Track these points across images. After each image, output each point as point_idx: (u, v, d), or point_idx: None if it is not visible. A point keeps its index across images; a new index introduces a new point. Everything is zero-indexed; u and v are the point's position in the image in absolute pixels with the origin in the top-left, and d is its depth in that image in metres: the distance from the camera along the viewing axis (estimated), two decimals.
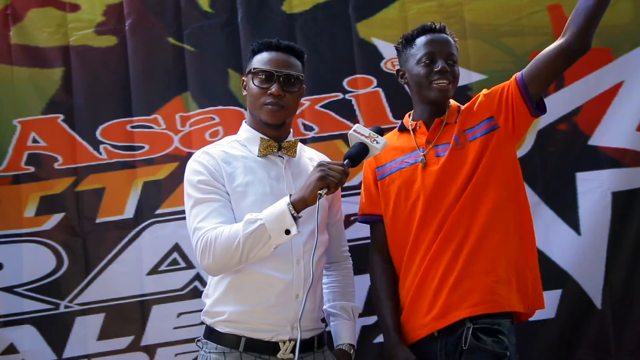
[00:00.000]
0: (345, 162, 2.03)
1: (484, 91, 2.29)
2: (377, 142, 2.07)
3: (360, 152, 2.07)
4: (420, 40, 2.27)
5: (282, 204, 2.00)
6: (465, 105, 2.31)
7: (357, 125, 2.11)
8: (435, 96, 2.24)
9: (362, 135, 2.08)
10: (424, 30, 2.29)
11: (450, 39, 2.29)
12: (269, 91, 2.18)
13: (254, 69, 2.21)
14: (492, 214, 2.16)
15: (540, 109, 2.20)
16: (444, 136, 2.25)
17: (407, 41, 2.31)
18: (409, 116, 2.38)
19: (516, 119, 2.19)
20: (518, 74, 2.19)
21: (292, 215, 1.98)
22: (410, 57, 2.28)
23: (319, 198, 1.96)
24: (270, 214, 2.00)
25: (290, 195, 2.01)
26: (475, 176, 2.17)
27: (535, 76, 2.14)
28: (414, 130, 2.31)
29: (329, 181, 1.96)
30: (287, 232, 1.99)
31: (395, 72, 2.39)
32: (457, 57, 2.30)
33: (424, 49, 2.25)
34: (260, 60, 2.22)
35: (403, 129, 2.36)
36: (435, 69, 2.21)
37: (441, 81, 2.22)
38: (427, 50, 2.24)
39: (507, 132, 2.20)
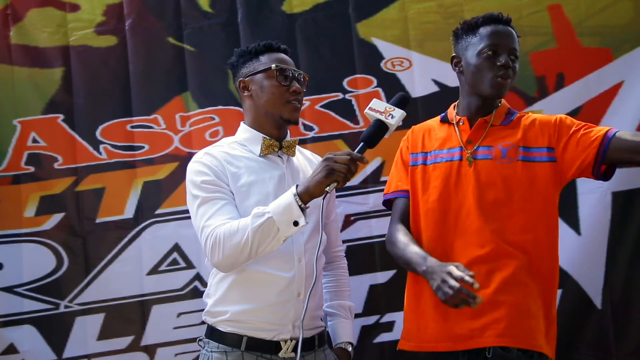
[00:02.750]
0: (360, 147, 1.97)
1: (560, 117, 2.13)
2: (392, 117, 1.94)
3: (375, 132, 1.97)
4: (485, 29, 2.12)
5: (289, 196, 1.99)
6: (530, 117, 2.16)
7: (373, 100, 2.00)
8: (490, 92, 2.10)
9: (378, 111, 1.96)
10: (490, 20, 2.13)
11: (514, 32, 2.14)
12: (291, 89, 2.20)
13: (277, 66, 2.20)
14: (533, 243, 2.06)
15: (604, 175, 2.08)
16: (487, 138, 2.12)
17: (470, 28, 2.16)
18: (454, 107, 2.24)
19: (577, 171, 2.08)
20: (609, 134, 2.02)
21: (300, 206, 1.97)
22: (471, 45, 2.13)
23: (326, 194, 1.93)
24: (277, 207, 2.00)
25: (297, 187, 2.00)
26: (518, 199, 2.05)
27: (617, 156, 2.02)
28: (457, 124, 2.18)
29: (336, 176, 1.93)
30: (296, 223, 1.98)
31: (450, 58, 2.24)
32: (519, 52, 2.13)
33: (488, 40, 2.09)
34: (273, 59, 2.23)
35: (445, 121, 2.23)
36: (498, 63, 2.07)
37: (501, 77, 2.07)
38: (491, 42, 2.08)
39: (563, 171, 2.09)
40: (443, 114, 2.27)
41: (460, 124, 2.17)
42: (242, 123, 2.33)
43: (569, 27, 2.86)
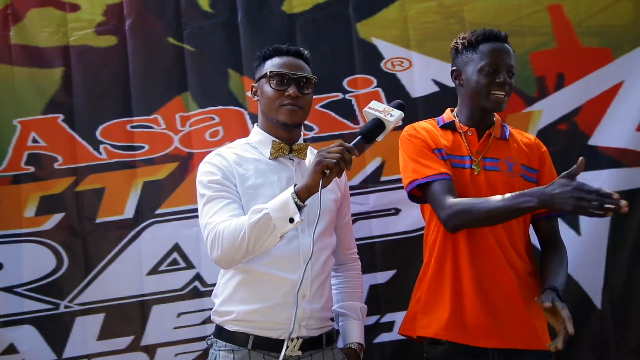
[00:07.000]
0: (356, 140, 2.01)
1: (544, 149, 2.34)
2: (391, 116, 2.03)
3: (373, 128, 2.03)
4: (485, 47, 2.23)
5: (287, 194, 2.01)
6: (518, 134, 2.36)
7: (373, 101, 2.09)
8: (491, 107, 2.23)
9: (377, 110, 2.04)
10: (489, 37, 2.25)
11: (511, 49, 2.26)
12: (286, 93, 2.20)
13: (271, 72, 2.22)
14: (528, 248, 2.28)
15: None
16: (492, 150, 2.26)
17: (470, 45, 2.26)
18: (454, 115, 2.33)
19: None
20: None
21: (296, 203, 1.98)
22: (471, 62, 2.24)
23: (322, 183, 1.93)
24: (275, 204, 2.02)
25: (295, 185, 2.02)
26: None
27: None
28: (464, 134, 2.29)
29: (327, 163, 1.93)
30: (292, 220, 1.99)
31: (450, 71, 2.34)
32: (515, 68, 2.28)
33: (488, 58, 2.21)
34: (273, 64, 2.25)
35: (448, 127, 2.31)
36: (497, 80, 2.20)
37: (499, 93, 2.21)
38: (491, 60, 2.21)
39: None
40: (441, 121, 2.33)
41: (469, 134, 2.29)
42: (255, 125, 2.35)
43: (569, 27, 2.86)
